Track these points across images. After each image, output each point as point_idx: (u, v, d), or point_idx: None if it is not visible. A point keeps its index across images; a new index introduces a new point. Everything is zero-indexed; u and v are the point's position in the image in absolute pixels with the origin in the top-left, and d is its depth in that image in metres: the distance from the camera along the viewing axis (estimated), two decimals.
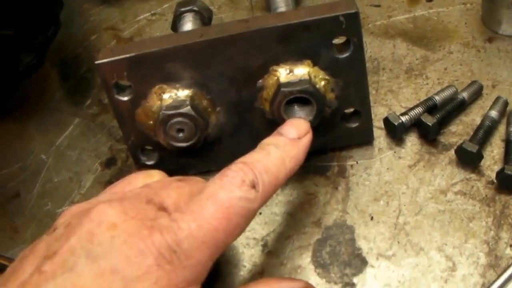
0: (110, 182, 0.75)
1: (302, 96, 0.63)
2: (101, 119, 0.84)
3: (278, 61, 0.64)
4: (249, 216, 0.51)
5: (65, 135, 0.82)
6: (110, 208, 0.48)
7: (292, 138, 0.59)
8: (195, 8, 0.82)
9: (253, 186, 0.52)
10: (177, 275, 0.45)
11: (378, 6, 0.88)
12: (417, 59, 0.79)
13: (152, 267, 0.45)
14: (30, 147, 0.83)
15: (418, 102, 0.73)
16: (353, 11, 0.61)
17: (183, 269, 0.46)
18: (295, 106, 0.65)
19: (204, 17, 0.83)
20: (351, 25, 0.62)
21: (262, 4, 0.93)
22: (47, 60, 0.89)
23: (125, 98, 0.66)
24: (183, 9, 0.83)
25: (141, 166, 0.71)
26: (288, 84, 0.63)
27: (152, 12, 0.99)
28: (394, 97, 0.75)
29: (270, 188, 0.53)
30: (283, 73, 0.64)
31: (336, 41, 0.63)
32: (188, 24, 0.80)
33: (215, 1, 0.96)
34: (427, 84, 0.76)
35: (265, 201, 0.53)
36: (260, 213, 0.68)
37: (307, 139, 0.60)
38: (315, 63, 0.64)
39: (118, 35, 0.96)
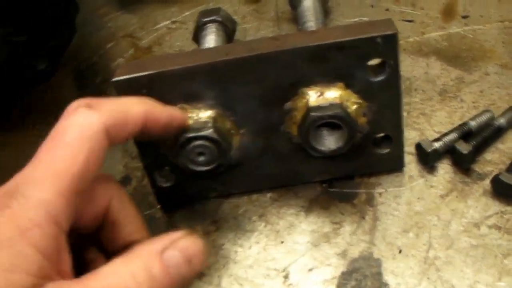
0: None
1: (332, 121, 0.59)
2: None
3: (309, 83, 0.60)
4: (93, 138, 0.47)
5: None
6: None
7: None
8: (219, 19, 0.80)
9: (90, 106, 0.49)
10: (17, 216, 0.42)
11: (411, 21, 0.85)
12: (451, 80, 0.76)
13: None
14: None
15: (452, 126, 0.70)
16: (392, 32, 0.58)
17: (24, 210, 0.43)
18: (324, 131, 0.62)
19: (228, 28, 0.80)
20: (389, 47, 0.58)
21: (288, 16, 0.90)
22: (61, 67, 0.86)
23: None
24: (206, 19, 0.80)
25: (158, 189, 0.67)
26: (318, 108, 0.59)
27: (173, 19, 0.96)
28: (426, 120, 0.71)
29: (114, 111, 0.50)
30: (313, 96, 0.60)
31: (371, 63, 0.59)
32: (211, 36, 0.78)
33: (239, 10, 0.93)
34: (462, 107, 0.72)
35: (111, 123, 0.49)
36: (282, 242, 0.64)
37: (174, 110, 0.59)
38: (347, 86, 0.60)
39: (136, 44, 0.93)
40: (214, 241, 0.66)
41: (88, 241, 0.53)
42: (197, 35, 0.82)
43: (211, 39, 0.78)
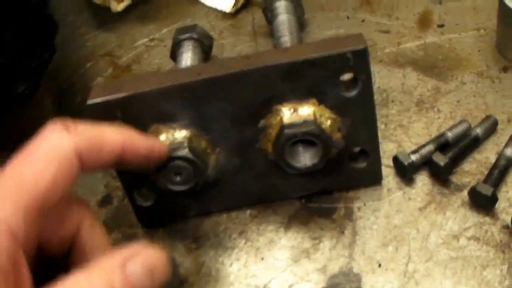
0: (105, 222, 0.71)
1: (307, 138, 0.59)
2: None
3: (282, 100, 0.60)
4: (63, 157, 0.47)
5: None
6: None
7: None
8: (195, 36, 0.80)
9: (66, 128, 0.48)
10: None
11: (387, 32, 0.85)
12: (428, 91, 0.76)
13: None
14: None
15: (429, 137, 0.70)
16: (361, 47, 0.58)
17: None
18: (300, 148, 0.62)
19: (204, 45, 0.80)
20: (359, 62, 0.58)
21: (265, 30, 0.90)
22: (41, 88, 0.86)
23: None
24: (182, 37, 0.81)
25: (138, 208, 0.67)
26: (291, 125, 0.59)
27: (151, 37, 0.96)
28: (404, 132, 0.71)
29: (90, 136, 0.49)
30: (286, 113, 0.60)
31: (343, 77, 0.59)
32: (188, 53, 0.78)
33: (216, 26, 0.93)
34: (439, 118, 0.72)
35: (84, 146, 0.48)
36: (262, 258, 0.65)
37: (155, 141, 0.60)
38: (320, 102, 0.60)
39: (115, 62, 0.93)
40: (195, 259, 0.66)
41: (58, 266, 0.53)
42: (174, 53, 0.82)
43: (188, 57, 0.79)
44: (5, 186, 0.44)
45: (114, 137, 0.52)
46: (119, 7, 0.97)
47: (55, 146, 0.47)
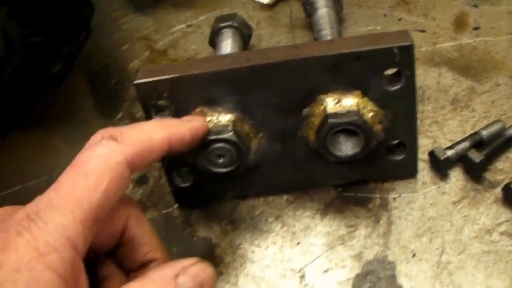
0: (141, 201, 0.73)
1: (349, 128, 0.61)
2: None
3: (326, 90, 0.62)
4: (115, 170, 0.48)
5: None
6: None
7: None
8: (235, 24, 0.81)
9: (113, 138, 0.49)
10: (36, 240, 0.43)
11: (423, 31, 0.86)
12: (463, 90, 0.77)
13: (11, 237, 0.44)
14: (57, 160, 0.81)
15: (463, 135, 0.71)
16: (408, 43, 0.59)
17: (42, 233, 0.44)
18: (341, 137, 0.64)
19: (244, 34, 0.82)
20: (405, 57, 0.60)
21: (302, 22, 0.91)
22: (75, 69, 0.87)
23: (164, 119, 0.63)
24: (222, 25, 0.82)
25: (176, 189, 0.69)
26: (335, 115, 0.61)
27: (188, 23, 0.97)
28: (439, 128, 0.73)
29: (138, 141, 0.51)
30: (330, 103, 0.62)
31: (388, 72, 0.61)
32: (228, 41, 0.79)
33: (253, 16, 0.94)
34: (473, 117, 0.74)
35: (134, 154, 0.50)
36: (298, 243, 0.66)
37: (196, 122, 0.60)
38: (364, 94, 0.62)
39: (152, 46, 0.94)
40: (231, 241, 0.68)
41: (106, 256, 0.55)
42: (214, 40, 0.83)
43: (227, 44, 0.80)
44: (63, 200, 0.46)
45: (160, 135, 0.53)
46: None
47: (107, 159, 0.48)
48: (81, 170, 0.47)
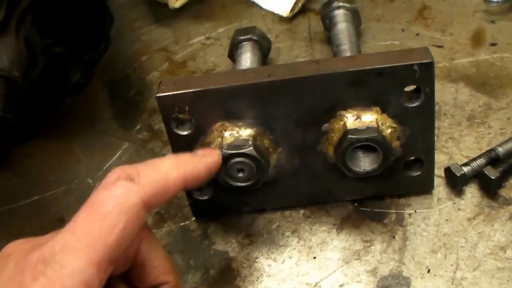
0: (159, 214, 0.74)
1: (368, 144, 0.61)
2: (151, 145, 0.83)
3: (346, 106, 0.63)
4: (131, 212, 0.49)
5: (113, 160, 0.81)
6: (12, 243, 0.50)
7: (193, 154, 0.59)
8: (254, 37, 0.82)
9: (130, 179, 0.50)
10: (52, 285, 0.44)
11: (441, 47, 0.86)
12: (479, 106, 0.77)
13: (27, 280, 0.45)
14: (75, 169, 0.82)
15: (479, 152, 0.71)
16: (429, 60, 0.60)
17: (59, 277, 0.45)
18: (360, 153, 0.64)
19: (263, 47, 0.82)
20: (425, 74, 0.60)
21: (321, 36, 0.92)
22: (95, 79, 0.88)
23: (185, 133, 0.65)
24: (242, 38, 0.82)
25: (194, 201, 0.69)
26: (355, 131, 0.61)
27: (207, 35, 0.98)
28: (455, 145, 0.73)
29: (154, 182, 0.51)
30: (350, 119, 0.62)
31: (407, 89, 0.62)
32: (247, 54, 0.80)
33: (272, 29, 0.95)
34: (490, 133, 0.74)
35: (150, 194, 0.50)
36: (315, 258, 0.66)
37: (210, 158, 0.60)
38: (383, 110, 0.62)
39: (171, 58, 0.95)
40: (248, 254, 0.68)
41: (119, 278, 0.56)
42: (233, 53, 0.84)
43: (247, 58, 0.81)
44: (79, 242, 0.46)
45: (176, 176, 0.54)
46: (176, 4, 0.99)
47: (123, 199, 0.49)
48: (97, 212, 0.48)
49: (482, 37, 0.87)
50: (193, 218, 0.72)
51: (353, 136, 0.61)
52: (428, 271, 0.64)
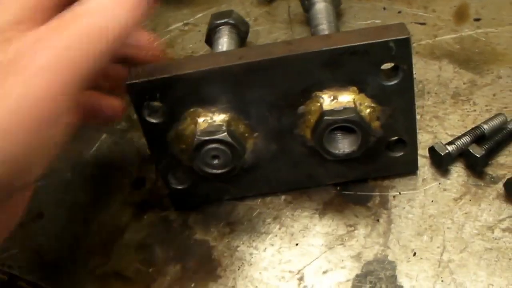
0: (139, 204, 0.72)
1: (346, 125, 0.59)
2: (129, 135, 0.80)
3: (322, 87, 0.60)
4: None
5: (92, 151, 0.79)
6: None
7: None
8: (231, 21, 0.80)
9: None
10: None
11: (423, 24, 0.85)
12: (464, 83, 0.75)
13: None
14: (52, 162, 0.79)
15: (465, 130, 0.70)
16: (405, 36, 0.58)
17: None
18: (338, 135, 0.62)
19: (241, 31, 0.81)
20: (402, 51, 0.58)
21: (301, 18, 0.90)
22: None
23: (157, 120, 0.62)
24: (218, 22, 0.81)
25: (173, 191, 0.67)
26: (332, 112, 0.59)
27: (185, 21, 0.96)
28: (439, 123, 0.71)
29: None
30: (326, 100, 0.60)
31: (384, 67, 0.59)
32: (224, 38, 0.78)
33: (251, 12, 0.93)
34: (475, 110, 0.72)
35: None
36: (297, 244, 0.65)
37: None
38: (361, 90, 0.60)
39: None
40: (229, 243, 0.67)
41: None
42: (210, 38, 0.82)
43: (224, 42, 0.79)
44: None
45: None
46: None
47: None
48: None
49: (465, 12, 0.86)
50: (173, 208, 0.70)
51: (330, 118, 0.59)
52: (414, 254, 0.62)
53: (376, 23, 0.87)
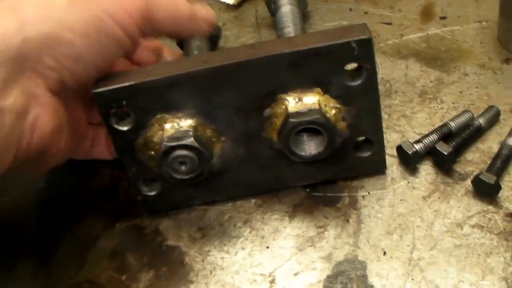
0: (111, 211, 0.72)
1: (312, 126, 0.59)
2: None
3: (287, 89, 0.61)
4: None
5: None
6: None
7: None
8: None
9: None
10: None
11: (390, 23, 0.85)
12: (431, 82, 0.76)
13: None
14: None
15: (432, 127, 0.70)
16: (366, 37, 0.58)
17: None
18: (304, 136, 0.63)
19: (212, 35, 0.80)
20: (364, 51, 0.58)
21: (268, 22, 0.90)
22: None
23: (125, 128, 0.62)
24: None
25: (144, 197, 0.67)
26: (297, 114, 0.60)
27: None
28: (407, 122, 0.72)
29: None
30: (291, 102, 0.61)
31: (348, 67, 0.60)
32: (196, 43, 0.78)
33: (219, 17, 0.93)
34: (442, 108, 0.73)
35: None
36: (268, 247, 0.65)
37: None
38: (325, 91, 0.60)
39: None
40: (200, 248, 0.66)
41: None
42: (182, 42, 0.82)
43: (195, 46, 0.79)
44: None
45: None
46: None
47: None
48: None
49: (431, 11, 0.86)
50: (146, 215, 0.70)
51: (295, 120, 0.59)
52: (384, 253, 0.62)
53: (343, 24, 0.88)
